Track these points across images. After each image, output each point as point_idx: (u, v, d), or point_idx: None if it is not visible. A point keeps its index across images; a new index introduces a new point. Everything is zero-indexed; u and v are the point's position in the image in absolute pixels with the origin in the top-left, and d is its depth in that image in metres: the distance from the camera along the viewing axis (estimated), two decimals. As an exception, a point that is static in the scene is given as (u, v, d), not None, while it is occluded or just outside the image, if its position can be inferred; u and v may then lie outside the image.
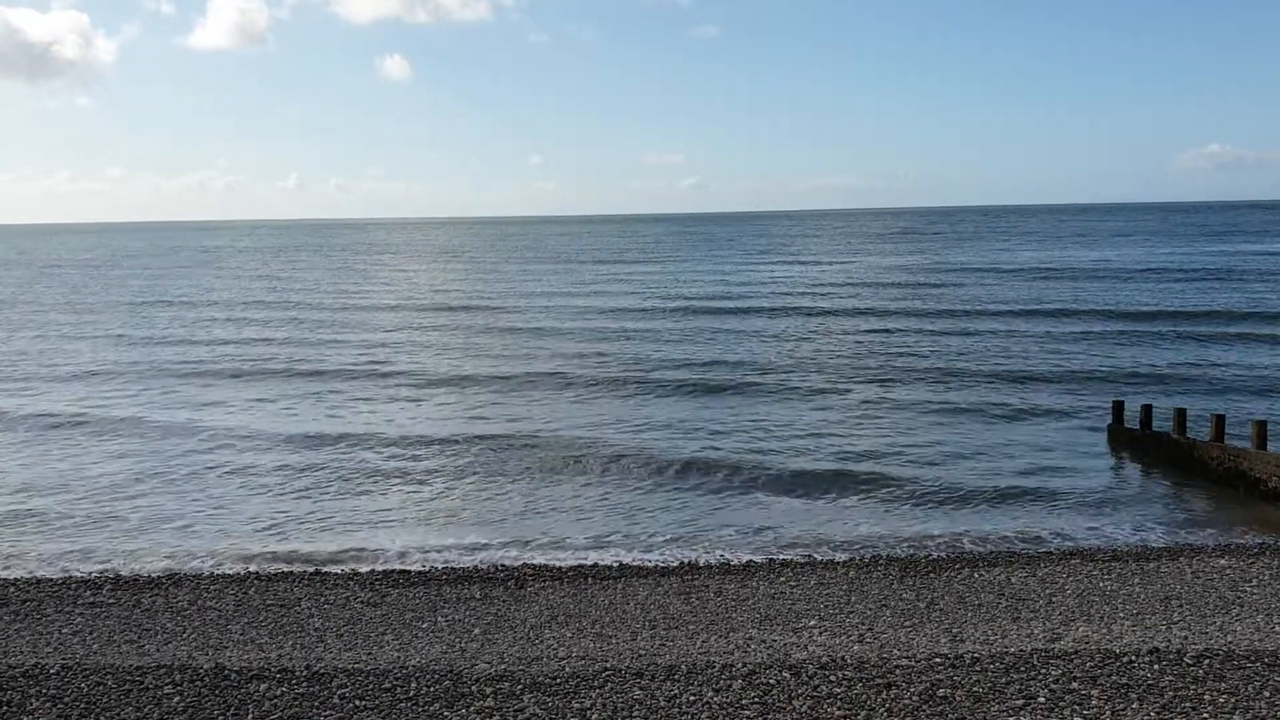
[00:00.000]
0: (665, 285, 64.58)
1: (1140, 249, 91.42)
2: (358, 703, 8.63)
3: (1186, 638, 10.02)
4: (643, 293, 59.00)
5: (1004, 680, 8.65)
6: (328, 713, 8.43)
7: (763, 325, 42.42)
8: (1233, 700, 8.12)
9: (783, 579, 13.09)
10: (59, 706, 8.70)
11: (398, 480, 19.52)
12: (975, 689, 8.46)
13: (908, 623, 11.03)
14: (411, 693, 8.82)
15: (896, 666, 9.10)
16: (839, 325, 41.69)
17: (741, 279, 68.51)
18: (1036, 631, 10.48)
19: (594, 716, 8.23)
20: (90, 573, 14.52)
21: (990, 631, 10.55)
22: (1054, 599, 11.81)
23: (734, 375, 30.52)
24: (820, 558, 14.46)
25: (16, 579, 14.04)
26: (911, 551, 14.87)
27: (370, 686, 8.99)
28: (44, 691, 9.07)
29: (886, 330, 39.90)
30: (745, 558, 14.68)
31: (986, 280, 61.48)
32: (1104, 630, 10.43)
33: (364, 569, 14.40)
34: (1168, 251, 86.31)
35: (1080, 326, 39.51)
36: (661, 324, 43.71)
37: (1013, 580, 12.70)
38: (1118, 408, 21.68)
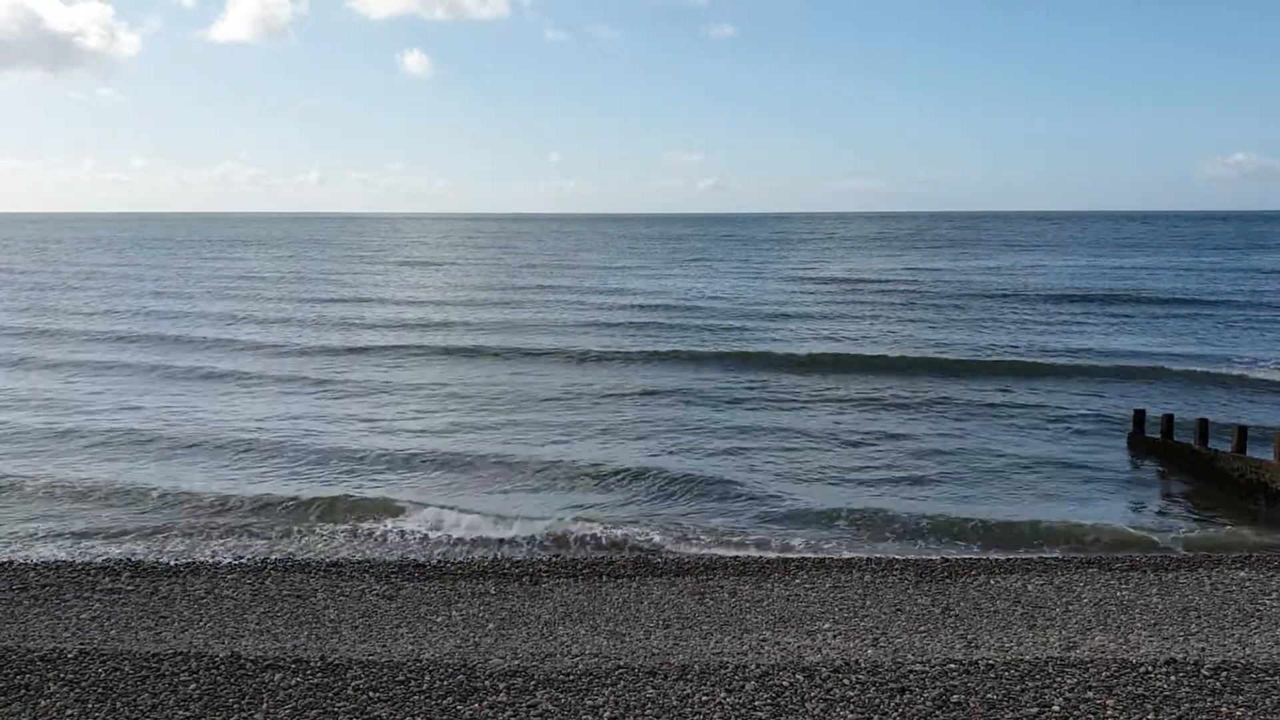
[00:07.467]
0: (697, 289, 64.63)
1: (1163, 257, 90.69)
2: (371, 694, 8.68)
3: (1204, 649, 9.94)
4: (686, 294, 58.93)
5: (1018, 688, 8.61)
6: (342, 704, 8.48)
7: (789, 322, 42.34)
8: (1250, 714, 8.05)
9: (798, 581, 13.05)
10: (76, 691, 8.79)
11: (412, 475, 19.60)
12: (989, 696, 8.42)
13: (922, 628, 10.98)
14: (425, 686, 8.86)
15: (910, 671, 9.07)
16: (862, 325, 41.54)
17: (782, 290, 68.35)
18: (1052, 640, 10.42)
19: (606, 714, 8.24)
20: (109, 559, 14.64)
21: (1005, 639, 10.49)
22: (1070, 607, 11.74)
23: (752, 380, 30.48)
24: (835, 560, 14.41)
25: (36, 563, 14.18)
26: (927, 556, 14.80)
27: (384, 679, 9.04)
28: (61, 675, 9.16)
29: (896, 332, 39.73)
30: (761, 558, 14.65)
31: (1008, 285, 61.09)
32: (1120, 640, 10.36)
33: (379, 561, 14.46)
34: (1192, 260, 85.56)
35: (1101, 334, 39.23)
36: (695, 330, 43.64)
37: (1029, 588, 12.62)
38: (1139, 417, 21.52)
